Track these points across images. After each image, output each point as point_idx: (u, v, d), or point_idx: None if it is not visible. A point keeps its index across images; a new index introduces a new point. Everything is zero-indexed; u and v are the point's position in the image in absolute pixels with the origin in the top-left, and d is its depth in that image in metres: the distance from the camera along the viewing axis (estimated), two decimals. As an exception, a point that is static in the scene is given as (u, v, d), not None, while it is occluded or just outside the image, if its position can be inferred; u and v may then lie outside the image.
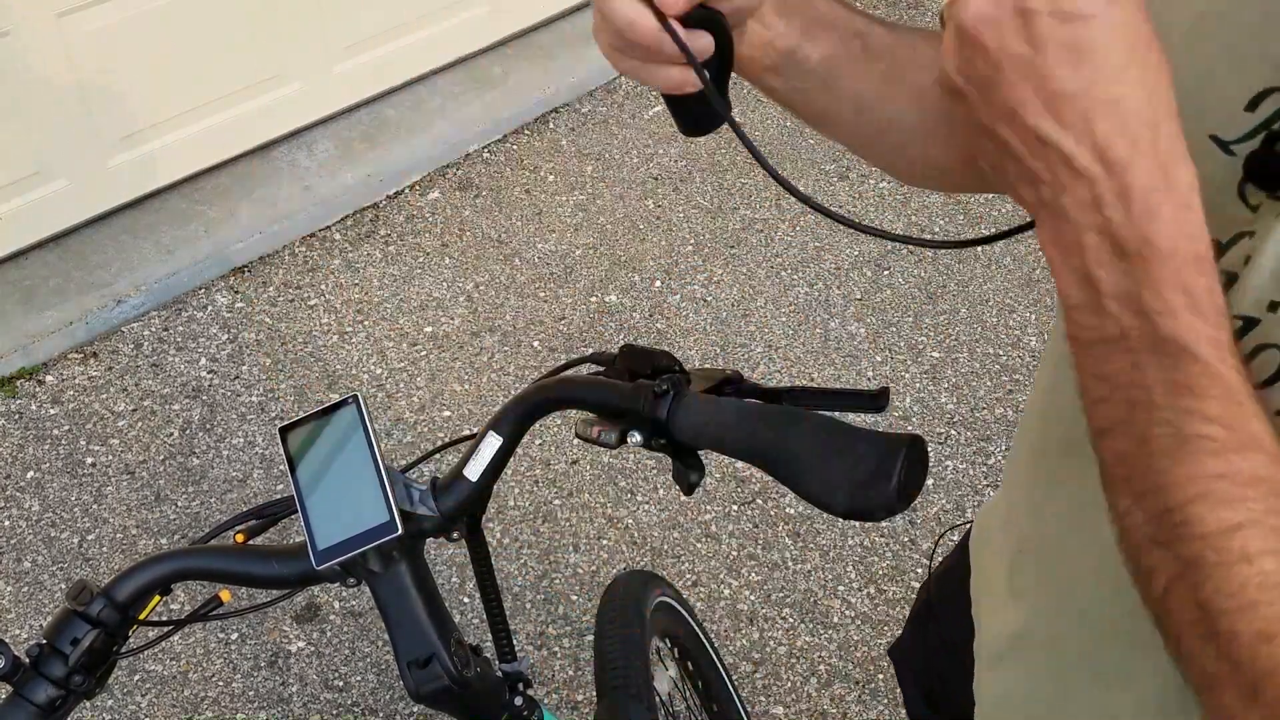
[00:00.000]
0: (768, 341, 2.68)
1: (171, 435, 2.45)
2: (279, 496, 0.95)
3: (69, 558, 2.22)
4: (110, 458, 2.40)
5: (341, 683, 2.05)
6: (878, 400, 0.80)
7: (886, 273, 2.87)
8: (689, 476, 0.81)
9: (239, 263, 2.84)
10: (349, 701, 2.02)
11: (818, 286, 2.82)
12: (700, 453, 0.81)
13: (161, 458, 2.41)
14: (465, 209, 3.04)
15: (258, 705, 2.02)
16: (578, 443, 2.43)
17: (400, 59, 3.25)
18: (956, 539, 1.09)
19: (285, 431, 0.86)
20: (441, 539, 0.87)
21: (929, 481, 2.38)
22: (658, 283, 2.84)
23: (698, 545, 2.26)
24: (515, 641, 1.08)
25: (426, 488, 0.86)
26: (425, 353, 2.65)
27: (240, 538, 0.91)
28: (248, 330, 2.69)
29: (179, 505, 2.32)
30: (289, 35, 2.94)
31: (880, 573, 2.21)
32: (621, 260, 2.90)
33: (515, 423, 0.85)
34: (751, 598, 2.17)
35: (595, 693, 1.26)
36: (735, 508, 2.32)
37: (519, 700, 1.02)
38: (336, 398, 1.12)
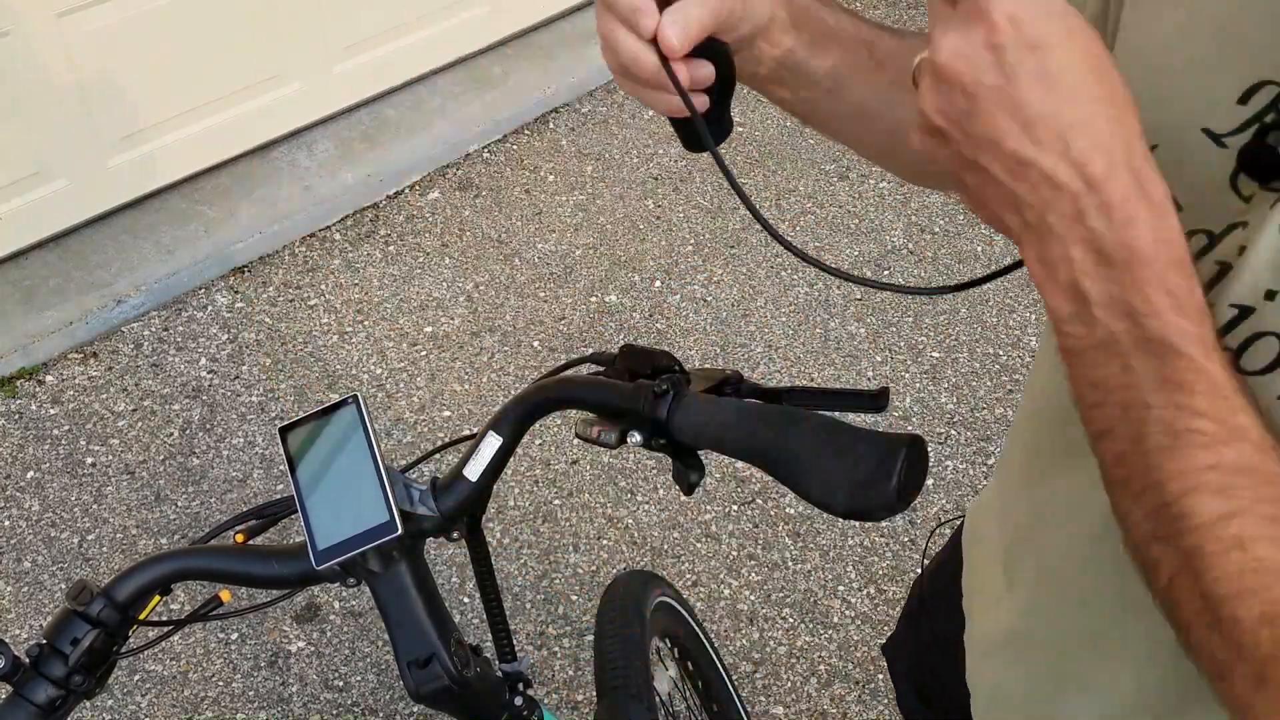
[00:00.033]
0: (768, 341, 2.68)
1: (171, 435, 2.45)
2: (279, 496, 0.95)
3: (69, 558, 2.22)
4: (110, 458, 2.40)
5: (341, 683, 2.05)
6: (878, 400, 0.80)
7: (887, 273, 2.87)
8: (689, 476, 0.81)
9: (239, 263, 2.84)
10: (349, 701, 2.02)
11: (818, 286, 2.82)
12: (700, 453, 0.81)
13: (161, 458, 2.41)
14: (465, 209, 3.04)
15: (258, 705, 2.02)
16: (578, 443, 2.43)
17: (400, 59, 3.25)
18: (949, 535, 1.09)
19: (285, 431, 0.86)
20: (441, 539, 0.87)
21: (929, 481, 2.38)
22: (658, 283, 2.84)
23: (698, 545, 2.26)
24: (515, 641, 1.08)
25: (426, 488, 0.86)
26: (425, 353, 2.65)
27: (240, 538, 0.91)
28: (248, 330, 2.69)
29: (179, 505, 2.32)
30: (289, 35, 2.94)
31: (880, 573, 2.21)
32: (621, 260, 2.90)
33: (515, 423, 0.85)
34: (751, 598, 2.17)
35: (595, 693, 1.26)
36: (735, 508, 2.32)
37: (519, 700, 1.02)
38: (336, 398, 1.12)
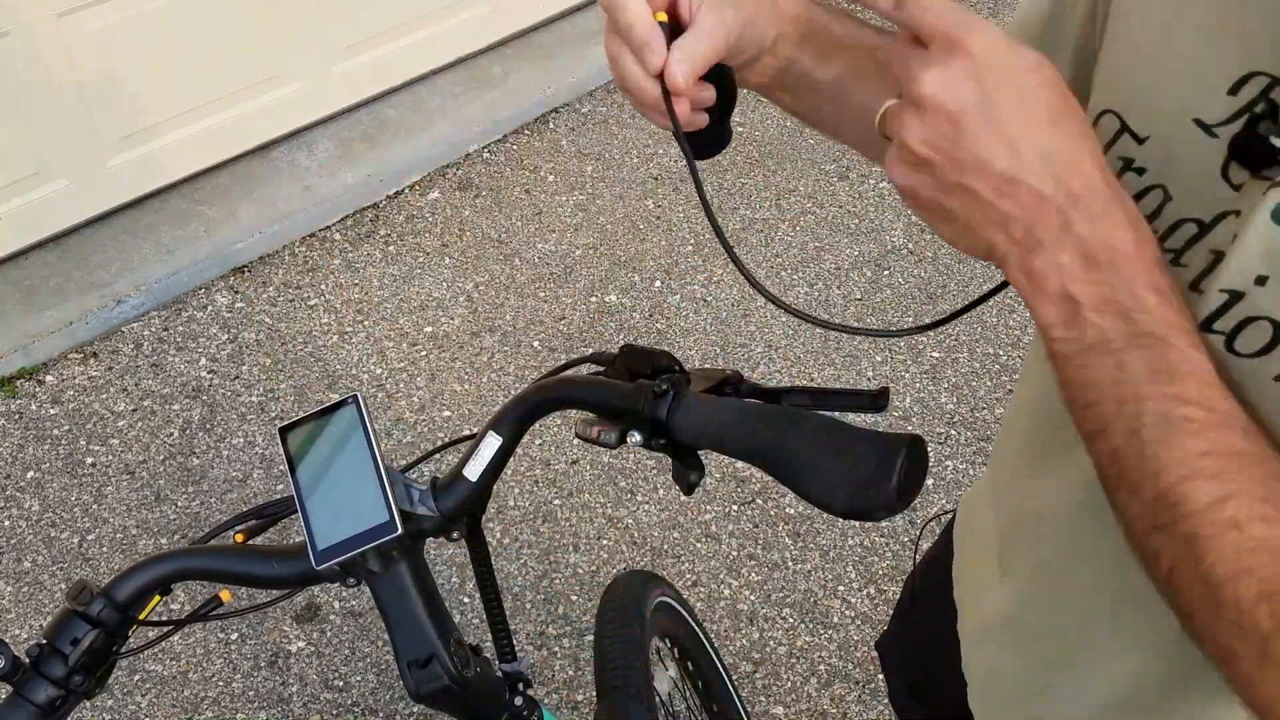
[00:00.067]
0: (768, 341, 2.68)
1: (171, 435, 2.45)
2: (279, 496, 0.95)
3: (69, 558, 2.22)
4: (110, 458, 2.40)
5: (341, 683, 2.05)
6: (878, 400, 0.80)
7: (886, 273, 2.87)
8: (689, 476, 0.81)
9: (239, 263, 2.84)
10: (349, 701, 2.02)
11: (818, 286, 2.82)
12: (700, 453, 0.81)
13: (161, 458, 2.41)
14: (465, 209, 3.04)
15: (258, 705, 2.02)
16: (578, 443, 2.43)
17: (400, 59, 3.25)
18: (940, 531, 1.10)
19: (285, 432, 0.86)
20: (441, 539, 0.87)
21: (929, 481, 2.38)
22: (658, 283, 2.84)
23: (698, 545, 2.26)
24: (515, 641, 1.08)
25: (426, 488, 0.86)
26: (425, 353, 2.65)
27: (240, 538, 0.91)
28: (248, 330, 2.69)
29: (179, 505, 2.32)
30: (289, 35, 2.94)
31: (880, 573, 2.21)
32: (621, 260, 2.90)
33: (515, 423, 0.85)
34: (751, 598, 2.17)
35: (595, 693, 1.26)
36: (735, 508, 2.32)
37: (519, 700, 1.02)
38: (336, 398, 1.12)
